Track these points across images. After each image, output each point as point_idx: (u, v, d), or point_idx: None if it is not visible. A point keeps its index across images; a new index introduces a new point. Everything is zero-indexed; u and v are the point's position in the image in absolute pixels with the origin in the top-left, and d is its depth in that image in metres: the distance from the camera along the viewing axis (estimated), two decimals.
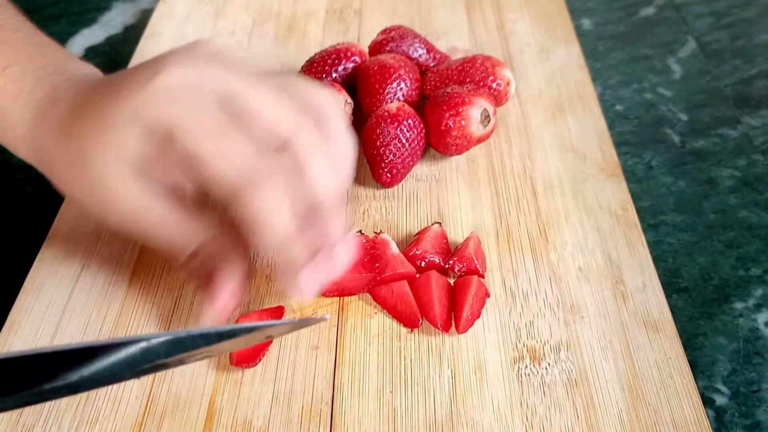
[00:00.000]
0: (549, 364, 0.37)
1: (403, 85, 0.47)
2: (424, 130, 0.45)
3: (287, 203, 0.32)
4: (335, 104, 0.35)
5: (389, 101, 0.46)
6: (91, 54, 0.61)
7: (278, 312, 0.39)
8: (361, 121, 0.48)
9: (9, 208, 0.49)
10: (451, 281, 0.40)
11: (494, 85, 0.48)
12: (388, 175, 0.45)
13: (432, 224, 0.43)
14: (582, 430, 0.35)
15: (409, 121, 0.44)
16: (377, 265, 0.40)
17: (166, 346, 0.28)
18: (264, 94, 0.33)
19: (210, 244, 0.36)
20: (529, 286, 0.40)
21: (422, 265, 0.40)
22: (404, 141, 0.44)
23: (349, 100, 0.47)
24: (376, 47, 0.51)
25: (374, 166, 0.45)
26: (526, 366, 0.37)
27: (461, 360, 0.37)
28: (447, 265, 0.40)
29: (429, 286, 0.39)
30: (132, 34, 0.62)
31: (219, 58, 0.34)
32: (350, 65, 0.49)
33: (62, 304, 0.40)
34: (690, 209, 0.47)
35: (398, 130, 0.44)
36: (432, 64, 0.51)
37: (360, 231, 0.42)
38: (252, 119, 0.33)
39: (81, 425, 0.35)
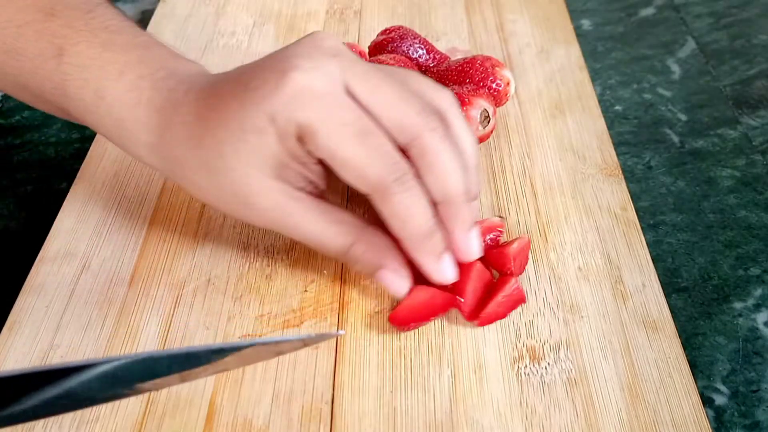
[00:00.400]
0: (548, 363, 0.37)
1: None
2: None
3: (425, 199, 0.35)
4: (455, 103, 0.37)
5: None
6: None
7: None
8: None
9: (9, 208, 0.49)
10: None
11: (494, 85, 0.48)
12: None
13: (494, 216, 0.43)
14: (581, 430, 0.35)
15: None
16: None
17: (169, 361, 0.28)
18: (390, 92, 0.35)
19: (365, 237, 0.37)
20: (528, 286, 0.41)
21: None
22: None
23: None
24: (377, 48, 0.51)
25: None
26: (526, 365, 0.37)
27: (461, 359, 0.37)
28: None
29: (469, 274, 0.39)
30: None
31: (341, 52, 0.35)
32: None
33: (62, 304, 0.40)
34: (689, 209, 0.47)
35: None
36: (432, 65, 0.51)
37: None
38: (381, 116, 0.34)
39: (81, 425, 0.35)
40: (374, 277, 0.38)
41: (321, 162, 0.36)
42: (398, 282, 0.38)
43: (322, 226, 0.36)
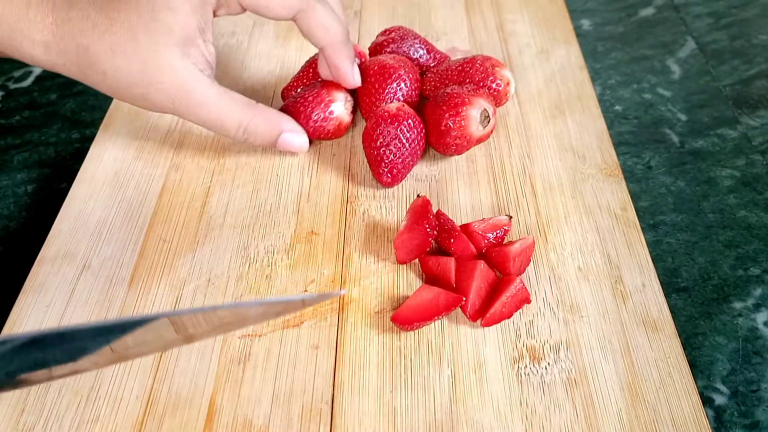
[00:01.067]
0: (549, 363, 0.37)
1: (403, 85, 0.47)
2: (424, 130, 0.45)
3: (336, 15, 0.43)
4: None
5: (389, 101, 0.47)
6: None
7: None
8: (362, 121, 0.48)
9: (9, 208, 0.49)
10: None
11: (494, 85, 0.48)
12: (389, 175, 0.45)
13: (502, 215, 0.44)
14: (581, 430, 0.35)
15: (409, 121, 0.44)
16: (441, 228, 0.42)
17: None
18: None
19: (259, 110, 0.44)
20: (528, 286, 0.41)
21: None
22: (404, 141, 0.44)
23: (350, 98, 0.48)
24: (377, 48, 0.51)
25: (374, 166, 0.45)
26: (526, 365, 0.37)
27: (461, 359, 0.37)
28: (483, 251, 0.42)
29: (473, 274, 0.39)
30: None
31: None
32: None
33: (62, 304, 0.40)
34: (689, 209, 0.47)
35: (398, 130, 0.44)
36: (432, 65, 0.51)
37: (418, 195, 0.43)
38: None
39: (82, 424, 0.35)
40: (277, 144, 0.45)
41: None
42: (300, 138, 0.46)
43: (222, 104, 0.42)
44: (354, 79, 0.46)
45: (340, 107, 0.47)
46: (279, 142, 0.45)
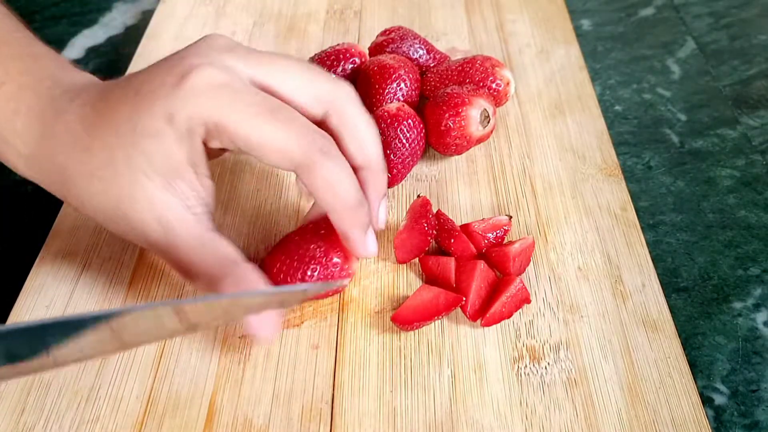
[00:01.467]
0: (548, 363, 0.37)
1: (402, 85, 0.47)
2: (424, 131, 0.45)
3: (351, 170, 0.34)
4: (352, 91, 0.37)
5: (389, 101, 0.47)
6: (92, 54, 0.61)
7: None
8: None
9: (9, 208, 0.49)
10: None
11: (494, 85, 0.48)
12: (388, 175, 0.45)
13: (502, 215, 0.44)
14: (581, 429, 0.35)
15: (409, 121, 0.44)
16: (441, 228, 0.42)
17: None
18: (298, 69, 0.34)
19: (238, 271, 0.34)
20: (528, 286, 0.41)
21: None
22: (404, 141, 0.44)
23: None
24: (377, 49, 0.51)
25: None
26: (526, 365, 0.37)
27: (461, 359, 0.37)
28: (483, 251, 0.41)
29: (473, 274, 0.39)
30: (133, 34, 0.63)
31: (236, 47, 0.34)
32: (349, 66, 0.49)
33: (62, 304, 0.40)
34: (689, 209, 0.47)
35: (398, 130, 0.44)
36: (432, 65, 0.51)
37: (418, 195, 0.43)
38: (294, 93, 0.34)
39: (82, 424, 0.35)
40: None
41: (211, 178, 0.35)
42: (266, 328, 0.34)
43: (198, 255, 0.34)
44: (369, 248, 0.36)
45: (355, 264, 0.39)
46: (246, 326, 0.34)
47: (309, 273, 0.37)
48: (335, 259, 0.37)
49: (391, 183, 0.46)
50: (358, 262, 0.40)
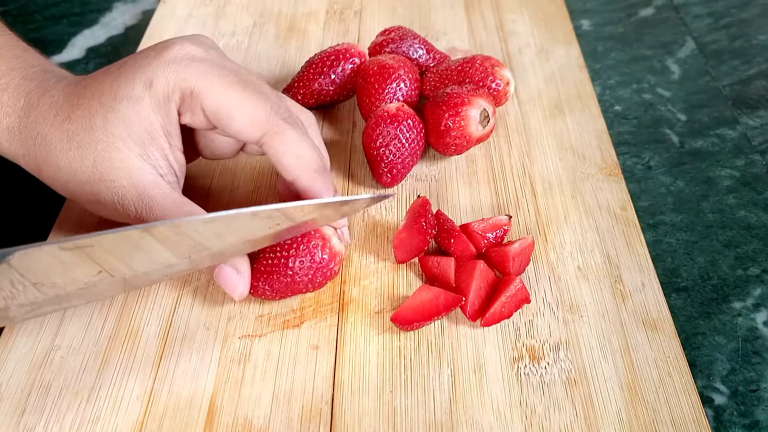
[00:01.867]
0: (548, 363, 0.37)
1: (402, 85, 0.47)
2: (423, 130, 0.45)
3: (312, 141, 0.37)
4: (314, 122, 0.41)
5: (389, 101, 0.47)
6: (92, 54, 0.61)
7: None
8: (361, 121, 0.48)
9: (9, 208, 0.49)
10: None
11: (493, 85, 0.48)
12: (388, 175, 0.45)
13: (502, 215, 0.43)
14: (581, 429, 0.35)
15: (409, 121, 0.44)
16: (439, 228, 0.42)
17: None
18: (261, 86, 0.37)
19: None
20: (528, 286, 0.41)
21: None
22: (404, 141, 0.44)
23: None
24: (376, 49, 0.51)
25: (374, 166, 0.45)
26: (526, 365, 0.37)
27: (461, 359, 0.37)
28: (483, 251, 0.41)
29: (472, 274, 0.39)
30: (133, 34, 0.63)
31: (215, 46, 0.39)
32: (349, 66, 0.49)
33: None
34: (689, 209, 0.47)
35: (398, 130, 0.44)
36: (432, 65, 0.51)
37: (418, 195, 0.43)
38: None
39: (82, 425, 0.35)
40: (214, 275, 0.37)
41: (183, 151, 0.38)
42: (239, 281, 0.37)
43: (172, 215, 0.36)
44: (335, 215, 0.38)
45: (336, 243, 0.39)
46: (216, 273, 0.37)
47: (295, 261, 0.38)
48: (314, 242, 0.38)
49: (391, 183, 0.46)
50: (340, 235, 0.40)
